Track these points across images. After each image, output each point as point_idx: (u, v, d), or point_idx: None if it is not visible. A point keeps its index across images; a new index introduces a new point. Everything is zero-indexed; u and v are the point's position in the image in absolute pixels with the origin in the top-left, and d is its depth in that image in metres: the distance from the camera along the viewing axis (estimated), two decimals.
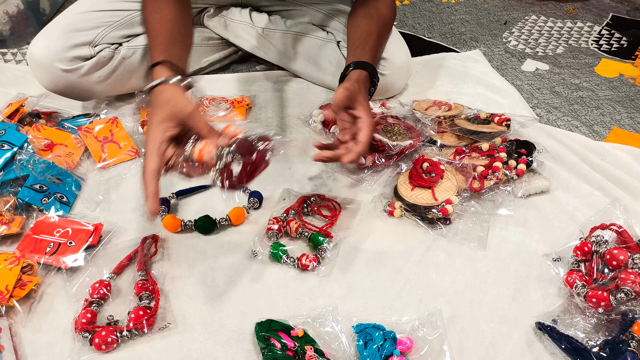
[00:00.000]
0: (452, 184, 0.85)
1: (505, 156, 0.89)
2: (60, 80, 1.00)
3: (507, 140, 0.93)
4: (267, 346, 0.64)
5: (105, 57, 1.02)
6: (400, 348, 0.64)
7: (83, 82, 1.01)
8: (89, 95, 1.05)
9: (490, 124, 0.97)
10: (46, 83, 1.01)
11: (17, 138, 0.90)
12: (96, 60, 1.01)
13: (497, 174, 0.86)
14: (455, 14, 1.53)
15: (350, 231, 0.83)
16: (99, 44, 1.02)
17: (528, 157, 0.90)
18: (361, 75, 0.86)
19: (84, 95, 1.05)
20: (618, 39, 1.39)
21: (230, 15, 1.18)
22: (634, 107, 1.13)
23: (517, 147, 0.92)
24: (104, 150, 0.96)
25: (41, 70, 0.99)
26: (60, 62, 0.98)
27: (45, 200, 0.84)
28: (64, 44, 0.98)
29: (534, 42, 1.38)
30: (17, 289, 0.71)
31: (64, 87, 1.01)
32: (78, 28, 1.00)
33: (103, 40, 1.02)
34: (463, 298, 0.73)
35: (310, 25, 1.15)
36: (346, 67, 0.89)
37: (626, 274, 0.66)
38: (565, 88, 1.19)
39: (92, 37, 1.01)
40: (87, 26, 1.01)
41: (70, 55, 0.99)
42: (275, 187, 0.91)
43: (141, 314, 0.68)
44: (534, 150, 0.92)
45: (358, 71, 0.86)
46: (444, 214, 0.82)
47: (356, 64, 0.87)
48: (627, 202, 0.86)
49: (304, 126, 1.06)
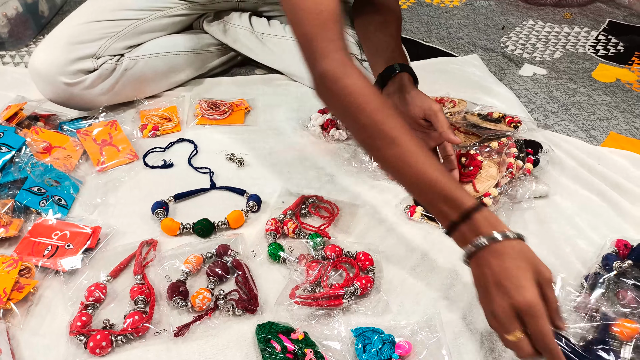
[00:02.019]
0: (493, 171, 0.85)
1: (517, 151, 0.89)
2: (63, 93, 1.00)
3: (511, 140, 0.93)
4: (267, 348, 0.64)
5: (108, 70, 1.03)
6: (399, 352, 0.64)
7: (86, 95, 1.02)
8: (90, 106, 1.05)
9: (500, 123, 0.98)
10: (49, 95, 1.01)
11: (16, 141, 0.90)
12: (99, 73, 1.02)
13: (512, 170, 0.86)
14: (453, 19, 1.54)
15: (348, 233, 0.83)
16: (101, 56, 1.02)
17: (534, 156, 0.90)
18: (410, 78, 0.89)
19: (86, 106, 1.05)
20: (615, 44, 1.40)
21: (230, 20, 1.18)
22: (630, 112, 1.13)
23: (524, 146, 0.93)
24: (103, 153, 0.96)
25: (44, 83, 0.99)
26: (63, 76, 0.98)
27: (43, 203, 0.84)
28: (67, 56, 0.98)
29: (532, 47, 1.39)
30: (15, 292, 0.70)
31: (66, 98, 1.02)
32: (81, 40, 1.00)
33: (106, 52, 1.03)
34: (462, 302, 0.73)
35: None
36: (389, 69, 0.89)
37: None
38: (562, 93, 1.20)
39: (95, 50, 1.01)
40: (90, 38, 1.01)
41: (74, 69, 0.99)
42: (273, 190, 0.91)
43: (137, 319, 0.68)
44: (540, 149, 0.93)
45: (407, 75, 0.89)
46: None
47: (401, 66, 0.89)
48: (624, 207, 0.86)
49: (302, 130, 1.06)
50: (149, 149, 1.00)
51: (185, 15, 1.14)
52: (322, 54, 0.70)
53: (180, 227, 0.82)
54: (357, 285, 0.72)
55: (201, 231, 0.82)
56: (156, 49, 1.09)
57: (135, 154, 0.98)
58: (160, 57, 1.10)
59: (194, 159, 0.99)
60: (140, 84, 1.09)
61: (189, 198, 0.90)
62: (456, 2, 1.64)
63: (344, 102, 0.68)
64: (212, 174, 0.95)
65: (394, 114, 0.67)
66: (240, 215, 0.84)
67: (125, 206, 0.88)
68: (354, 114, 0.68)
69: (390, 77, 0.89)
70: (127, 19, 1.06)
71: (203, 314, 0.70)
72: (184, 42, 1.15)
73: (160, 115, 1.06)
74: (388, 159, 0.67)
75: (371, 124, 0.67)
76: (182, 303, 0.70)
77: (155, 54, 1.09)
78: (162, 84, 1.14)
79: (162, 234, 0.83)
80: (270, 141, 1.03)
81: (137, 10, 1.06)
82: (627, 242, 0.77)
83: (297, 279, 0.74)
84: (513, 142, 0.91)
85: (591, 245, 0.81)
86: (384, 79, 0.90)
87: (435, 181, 0.64)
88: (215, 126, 1.06)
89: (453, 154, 0.85)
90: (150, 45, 1.09)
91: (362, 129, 0.68)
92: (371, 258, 0.77)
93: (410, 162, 0.65)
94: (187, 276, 0.75)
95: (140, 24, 1.07)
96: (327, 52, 0.70)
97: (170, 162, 0.97)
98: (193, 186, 0.91)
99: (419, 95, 0.85)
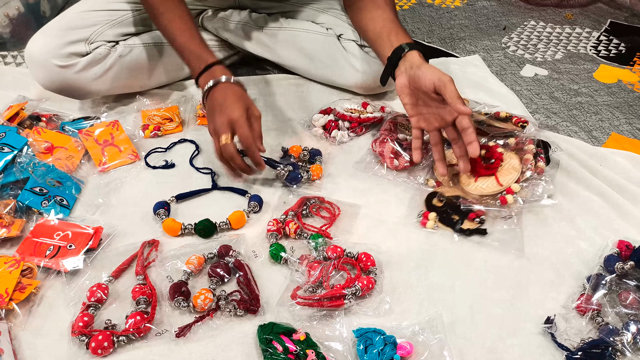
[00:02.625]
0: (515, 162, 0.83)
1: (534, 148, 0.88)
2: (56, 77, 1.00)
3: (518, 140, 0.93)
4: (268, 349, 0.64)
5: (101, 55, 1.03)
6: (401, 353, 0.64)
7: (79, 79, 1.02)
8: (85, 93, 1.05)
9: (507, 123, 0.98)
10: (42, 80, 1.01)
11: (18, 141, 0.90)
12: (92, 57, 1.02)
13: (530, 166, 0.85)
14: (454, 19, 1.53)
15: (350, 234, 0.83)
16: (95, 41, 1.02)
17: (545, 155, 0.90)
18: (420, 54, 0.89)
19: (80, 93, 1.05)
20: (616, 45, 1.40)
21: (229, 17, 1.19)
22: (632, 112, 1.13)
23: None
24: (104, 154, 0.96)
25: (37, 67, 0.99)
26: (56, 59, 0.98)
27: (45, 203, 0.84)
28: (60, 40, 0.99)
29: (533, 48, 1.39)
30: (17, 292, 0.71)
31: (60, 84, 1.01)
32: (75, 26, 1.01)
33: (99, 37, 1.03)
34: (463, 303, 0.73)
35: (308, 22, 1.15)
36: (398, 49, 0.89)
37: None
38: (564, 93, 1.20)
39: (88, 34, 1.02)
40: (84, 24, 1.02)
41: (66, 52, 0.99)
42: (274, 191, 0.91)
43: (138, 319, 0.68)
44: (549, 149, 0.93)
45: (417, 52, 0.89)
46: (502, 203, 0.80)
47: (409, 45, 0.89)
48: (626, 208, 0.86)
49: (304, 130, 1.06)
50: (151, 149, 1.00)
51: None
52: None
53: (181, 228, 0.82)
54: (359, 286, 0.72)
55: (203, 232, 0.82)
56: (153, 39, 1.10)
57: (136, 154, 0.98)
58: (157, 47, 1.10)
59: (195, 160, 0.99)
60: (136, 73, 1.09)
61: (191, 198, 0.90)
62: (457, 2, 1.63)
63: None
64: (213, 174, 0.95)
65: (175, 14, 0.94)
66: (242, 215, 0.84)
67: (127, 206, 0.88)
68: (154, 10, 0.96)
69: (400, 58, 0.89)
70: (122, 9, 1.07)
71: (205, 315, 0.70)
72: None
73: (162, 115, 1.06)
74: (160, 28, 0.97)
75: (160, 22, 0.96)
76: (183, 303, 0.70)
77: (151, 44, 1.09)
78: (161, 77, 1.14)
79: (163, 235, 0.83)
80: (271, 141, 1.03)
81: (132, 2, 1.08)
82: (629, 243, 0.77)
83: (299, 279, 0.74)
84: (530, 138, 0.91)
85: (593, 247, 0.81)
86: (395, 61, 0.89)
87: (188, 44, 0.93)
88: None
89: (470, 127, 0.80)
90: (148, 35, 1.09)
91: (155, 20, 0.97)
92: (373, 259, 0.77)
93: (173, 31, 0.94)
94: (188, 277, 0.75)
95: (136, 15, 1.08)
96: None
97: (171, 163, 0.97)
98: (195, 186, 0.91)
99: (430, 69, 0.84)
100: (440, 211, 0.84)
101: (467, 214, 0.83)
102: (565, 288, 0.75)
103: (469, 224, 0.82)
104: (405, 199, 0.89)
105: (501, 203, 0.81)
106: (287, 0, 1.18)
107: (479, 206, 0.83)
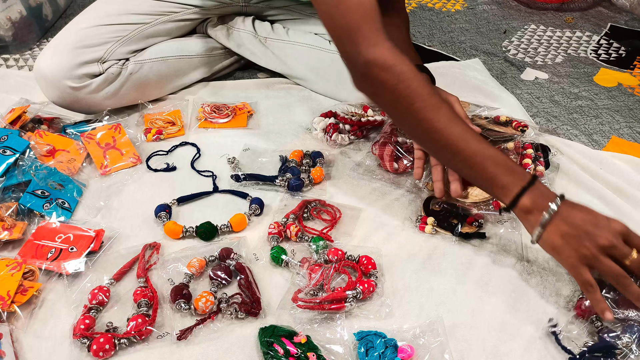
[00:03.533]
0: None
1: (533, 152, 0.89)
2: (69, 97, 1.01)
3: (517, 144, 0.93)
4: (269, 352, 0.64)
5: (113, 74, 1.03)
6: (402, 356, 0.64)
7: (91, 98, 1.03)
8: (95, 109, 1.06)
9: (507, 127, 0.98)
10: (54, 99, 1.02)
11: (20, 144, 0.90)
12: (105, 77, 1.02)
13: (529, 170, 0.86)
14: (455, 23, 1.54)
15: (350, 237, 0.83)
16: (107, 60, 1.03)
17: (544, 159, 0.90)
18: (428, 77, 0.89)
19: (90, 109, 1.06)
20: (617, 48, 1.40)
21: (234, 25, 1.19)
22: (632, 116, 1.14)
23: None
24: (106, 157, 0.97)
25: (49, 87, 1.00)
26: (69, 80, 0.99)
27: (47, 206, 0.84)
28: (73, 61, 0.99)
29: (534, 51, 1.39)
30: (19, 295, 0.71)
31: (71, 102, 1.02)
32: (87, 44, 1.01)
33: (112, 56, 1.03)
34: (464, 306, 0.73)
35: (312, 35, 1.16)
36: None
37: None
38: (564, 97, 1.20)
39: (101, 54, 1.02)
40: (96, 42, 1.02)
41: (79, 73, 0.99)
42: (276, 194, 0.91)
43: (140, 322, 0.68)
44: (549, 153, 0.93)
45: (426, 75, 0.89)
46: (496, 208, 0.81)
47: (419, 67, 0.88)
48: (626, 211, 0.86)
49: (305, 133, 1.06)
50: (152, 152, 1.00)
51: (190, 19, 1.15)
52: (370, 43, 0.72)
53: (183, 231, 0.82)
54: (360, 289, 0.72)
55: (204, 234, 0.82)
56: (161, 53, 1.10)
57: (138, 157, 0.98)
58: (165, 62, 1.11)
59: (196, 163, 0.99)
60: (144, 88, 1.10)
61: (192, 201, 0.91)
62: (458, 6, 1.64)
63: (396, 90, 0.72)
64: (214, 177, 0.95)
65: (441, 103, 0.72)
66: (243, 218, 0.84)
67: (128, 209, 0.88)
68: (406, 104, 0.72)
69: None
70: (132, 22, 1.06)
71: (206, 317, 0.70)
72: (189, 46, 1.15)
73: (164, 119, 1.06)
74: (439, 148, 0.74)
75: (423, 119, 0.71)
76: (185, 306, 0.70)
77: (160, 58, 1.10)
78: (167, 88, 1.15)
79: (165, 237, 0.83)
80: (272, 145, 1.03)
81: (142, 14, 1.07)
82: None
83: (300, 282, 0.74)
84: (529, 143, 0.91)
85: None
86: None
87: (496, 155, 0.70)
88: (218, 130, 1.07)
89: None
90: (155, 49, 1.10)
91: (410, 118, 0.73)
92: (374, 262, 0.77)
93: (462, 145, 0.70)
94: (190, 279, 0.75)
95: (146, 28, 1.07)
96: (376, 40, 0.72)
97: (173, 166, 0.98)
98: (196, 189, 0.92)
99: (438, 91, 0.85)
100: (438, 216, 0.84)
101: (465, 217, 0.83)
102: (566, 292, 0.75)
103: (467, 228, 0.82)
104: (406, 202, 0.89)
105: (494, 208, 0.82)
106: (294, 9, 1.18)
107: (476, 210, 0.83)
